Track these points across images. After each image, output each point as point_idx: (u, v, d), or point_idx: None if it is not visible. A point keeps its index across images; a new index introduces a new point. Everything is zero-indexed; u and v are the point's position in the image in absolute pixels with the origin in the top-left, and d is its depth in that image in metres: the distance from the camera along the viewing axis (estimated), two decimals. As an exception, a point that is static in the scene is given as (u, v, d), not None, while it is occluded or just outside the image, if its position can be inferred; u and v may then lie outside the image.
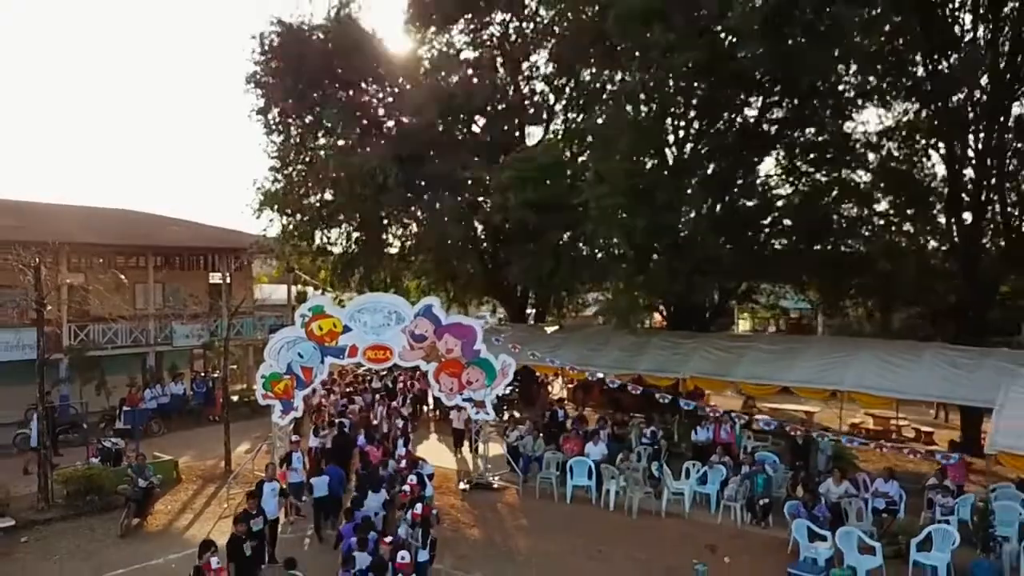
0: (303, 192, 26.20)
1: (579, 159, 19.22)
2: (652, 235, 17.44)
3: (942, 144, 20.04)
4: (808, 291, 24.22)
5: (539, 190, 18.88)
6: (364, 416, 20.38)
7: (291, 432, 16.98)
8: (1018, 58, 18.79)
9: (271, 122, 25.94)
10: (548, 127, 24.46)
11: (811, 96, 18.37)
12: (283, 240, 26.48)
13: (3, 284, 22.02)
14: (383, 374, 25.76)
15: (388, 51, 25.61)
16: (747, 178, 20.13)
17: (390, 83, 24.32)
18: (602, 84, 20.68)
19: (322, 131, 25.64)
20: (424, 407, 25.81)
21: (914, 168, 20.32)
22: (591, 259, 18.90)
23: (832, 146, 19.97)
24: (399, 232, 27.08)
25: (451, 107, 22.28)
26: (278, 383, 16.20)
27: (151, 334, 26.15)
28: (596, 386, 23.62)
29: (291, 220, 26.41)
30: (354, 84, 25.49)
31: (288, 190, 26.30)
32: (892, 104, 19.82)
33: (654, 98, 17.52)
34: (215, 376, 25.81)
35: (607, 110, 19.21)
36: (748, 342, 20.92)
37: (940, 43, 18.91)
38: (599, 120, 19.41)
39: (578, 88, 23.52)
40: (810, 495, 13.57)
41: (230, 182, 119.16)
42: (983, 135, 19.35)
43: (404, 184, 22.57)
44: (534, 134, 24.61)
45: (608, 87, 19.96)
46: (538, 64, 24.53)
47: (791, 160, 21.20)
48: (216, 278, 29.74)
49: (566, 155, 20.13)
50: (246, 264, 29.78)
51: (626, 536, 14.24)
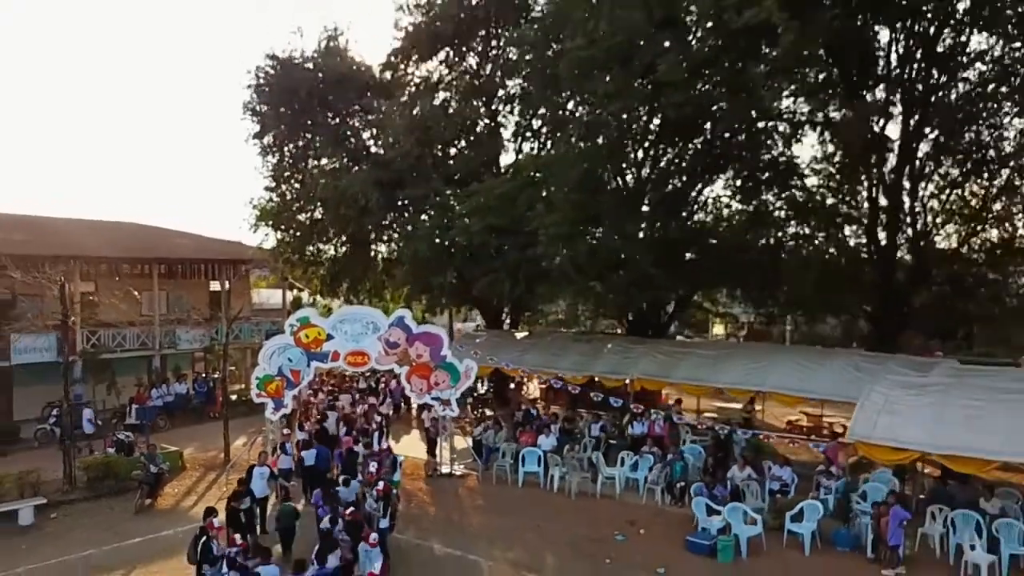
0: (295, 209, 28.76)
1: (538, 187, 21.71)
2: (593, 258, 19.99)
3: (862, 169, 22.53)
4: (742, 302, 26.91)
5: (498, 216, 21.40)
6: (347, 413, 22.92)
7: (282, 426, 19.59)
8: (930, 97, 21.13)
9: (266, 146, 28.56)
10: (518, 156, 26.97)
11: (736, 134, 20.99)
12: (278, 253, 28.99)
13: (23, 294, 24.58)
14: (368, 375, 28.14)
15: (372, 81, 28.12)
16: (688, 206, 22.75)
17: (374, 111, 26.81)
18: (557, 121, 23.23)
19: (312, 154, 28.22)
20: (407, 406, 27.61)
21: (832, 193, 22.90)
22: (545, 276, 21.39)
23: (764, 173, 22.56)
24: (382, 248, 29.58)
25: (427, 137, 24.75)
26: (270, 384, 18.81)
27: (157, 338, 28.26)
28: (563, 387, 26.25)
29: (285, 235, 28.99)
30: (341, 112, 28.04)
31: (282, 207, 28.92)
32: (803, 140, 22.39)
33: (598, 137, 20.11)
34: (215, 377, 27.56)
35: (558, 145, 21.82)
36: (690, 348, 23.55)
37: (858, 84, 21.40)
38: (552, 153, 22.05)
39: (541, 120, 26.05)
40: (711, 478, 16.19)
41: (233, 195, 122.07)
42: (895, 164, 21.86)
43: (384, 207, 25.16)
44: (504, 161, 27.16)
45: (562, 125, 22.51)
46: (508, 96, 27.03)
47: (730, 186, 23.89)
48: (216, 286, 32.14)
49: (530, 181, 22.61)
50: (244, 274, 32.27)
51: (564, 514, 16.81)
